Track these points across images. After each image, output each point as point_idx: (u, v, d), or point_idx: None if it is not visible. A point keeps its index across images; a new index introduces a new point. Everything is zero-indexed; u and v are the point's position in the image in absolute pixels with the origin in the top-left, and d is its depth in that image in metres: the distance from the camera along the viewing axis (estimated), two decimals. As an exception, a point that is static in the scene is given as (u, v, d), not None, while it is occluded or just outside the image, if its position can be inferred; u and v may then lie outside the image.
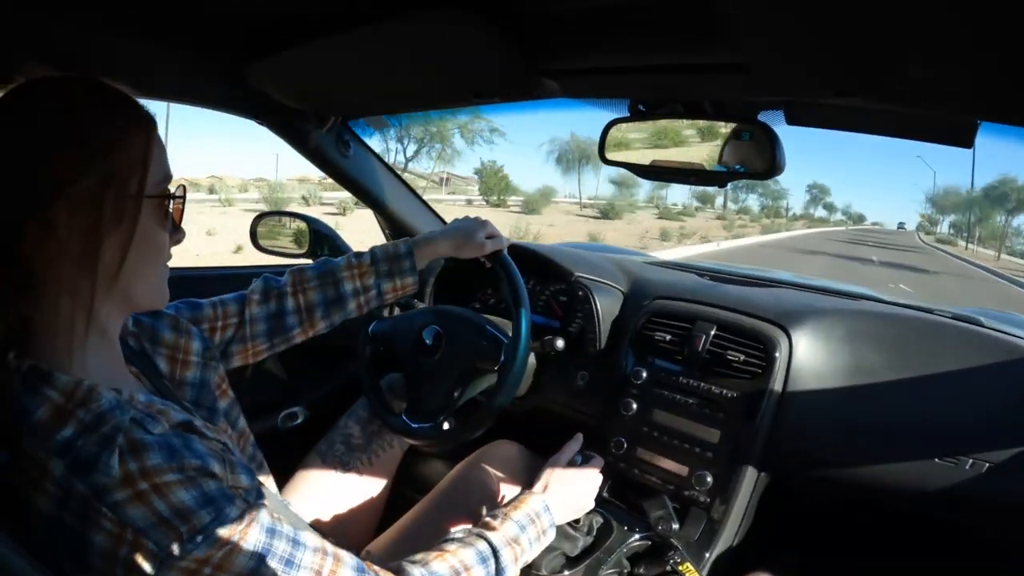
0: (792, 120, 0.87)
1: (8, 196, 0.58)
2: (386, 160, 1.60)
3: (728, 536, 1.08)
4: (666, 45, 0.74)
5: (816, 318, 1.15)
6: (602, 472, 1.07)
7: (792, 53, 0.68)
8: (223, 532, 0.56)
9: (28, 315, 0.60)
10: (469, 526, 0.87)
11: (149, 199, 0.64)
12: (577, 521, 1.04)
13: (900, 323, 1.16)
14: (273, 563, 0.58)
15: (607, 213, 32.55)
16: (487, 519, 0.84)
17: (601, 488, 1.20)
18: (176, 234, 0.71)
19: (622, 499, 1.18)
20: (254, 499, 0.62)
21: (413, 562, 0.72)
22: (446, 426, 1.18)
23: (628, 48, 0.77)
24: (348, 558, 0.65)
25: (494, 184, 36.70)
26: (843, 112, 0.83)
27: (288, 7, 0.84)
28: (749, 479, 1.09)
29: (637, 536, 1.09)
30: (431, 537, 0.88)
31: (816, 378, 1.09)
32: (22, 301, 0.60)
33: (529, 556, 0.84)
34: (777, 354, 1.09)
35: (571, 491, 0.98)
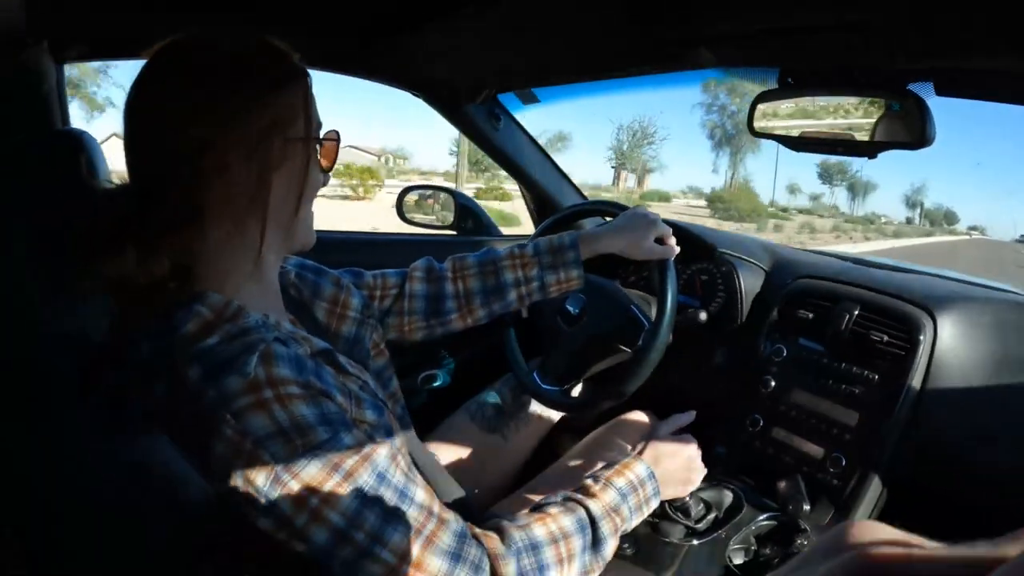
0: (941, 90, 0.89)
1: (181, 141, 0.61)
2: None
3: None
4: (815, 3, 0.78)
5: (963, 304, 1.13)
6: (727, 453, 1.05)
7: (940, 5, 0.69)
8: (335, 457, 0.57)
9: (195, 252, 0.64)
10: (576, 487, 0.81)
11: (311, 141, 0.69)
12: (688, 514, 1.03)
13: None
14: (376, 510, 0.58)
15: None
16: (588, 482, 0.80)
17: (732, 465, 1.20)
18: (324, 176, 0.74)
19: (754, 478, 1.17)
20: (376, 436, 0.63)
21: (515, 523, 0.69)
22: (574, 393, 1.23)
23: (777, 7, 0.81)
24: (453, 523, 0.63)
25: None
26: (996, 79, 0.84)
27: None
28: (884, 465, 1.06)
29: (766, 516, 1.08)
30: None
31: (960, 367, 1.07)
32: (192, 240, 0.63)
33: (630, 525, 0.79)
34: (921, 337, 1.07)
35: (676, 461, 0.93)
